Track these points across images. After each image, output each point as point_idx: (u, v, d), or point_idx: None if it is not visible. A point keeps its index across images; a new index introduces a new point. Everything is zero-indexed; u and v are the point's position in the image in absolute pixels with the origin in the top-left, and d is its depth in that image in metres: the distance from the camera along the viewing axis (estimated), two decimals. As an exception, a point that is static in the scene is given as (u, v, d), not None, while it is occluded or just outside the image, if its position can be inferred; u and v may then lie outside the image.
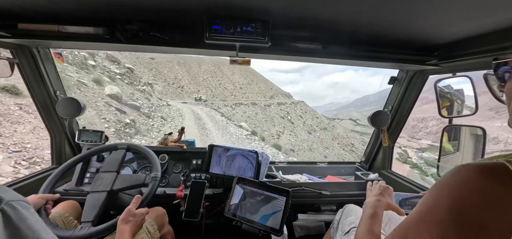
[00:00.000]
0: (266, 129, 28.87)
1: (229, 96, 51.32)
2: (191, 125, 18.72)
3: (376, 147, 1.88)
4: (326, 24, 1.08)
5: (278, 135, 27.44)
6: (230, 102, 41.03)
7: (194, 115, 24.32)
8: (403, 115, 1.75)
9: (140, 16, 1.10)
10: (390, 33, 1.14)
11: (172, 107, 25.54)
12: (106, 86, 15.17)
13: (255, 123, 30.53)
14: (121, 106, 13.88)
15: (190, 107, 31.01)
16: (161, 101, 24.96)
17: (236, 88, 56.65)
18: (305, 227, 1.65)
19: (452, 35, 1.12)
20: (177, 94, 45.70)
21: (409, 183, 1.60)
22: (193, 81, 53.06)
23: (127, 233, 0.88)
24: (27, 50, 1.32)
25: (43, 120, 1.57)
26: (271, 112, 37.50)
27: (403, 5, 0.85)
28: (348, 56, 1.30)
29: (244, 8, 0.97)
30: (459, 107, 1.49)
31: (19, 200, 0.51)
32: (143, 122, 14.84)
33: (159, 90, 39.61)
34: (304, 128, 34.23)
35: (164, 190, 1.48)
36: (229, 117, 28.47)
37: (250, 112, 35.59)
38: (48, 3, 0.97)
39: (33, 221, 0.51)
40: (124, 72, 22.39)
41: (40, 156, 5.72)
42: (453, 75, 1.39)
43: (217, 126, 21.00)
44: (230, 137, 17.92)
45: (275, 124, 32.62)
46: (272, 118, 34.84)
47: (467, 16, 0.91)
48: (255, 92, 56.58)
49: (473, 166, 0.39)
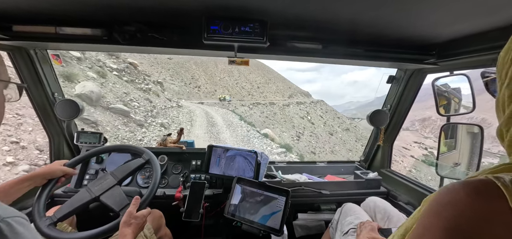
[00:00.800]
0: (285, 130, 27.45)
1: (246, 95, 49.93)
2: (200, 135, 15.21)
3: (375, 146, 1.89)
4: (325, 24, 1.08)
5: (298, 136, 26.37)
6: (247, 102, 39.70)
7: (208, 120, 20.26)
8: (402, 114, 1.75)
9: (138, 17, 1.09)
10: (389, 32, 1.14)
11: (183, 108, 23.28)
12: (77, 84, 11.78)
13: (273, 123, 29.06)
14: (89, 113, 10.37)
15: (206, 108, 28.61)
16: (170, 102, 22.39)
17: (253, 87, 55.14)
18: (305, 226, 1.65)
19: (450, 33, 1.12)
20: (194, 94, 44.11)
21: (408, 181, 1.61)
22: (210, 81, 51.62)
23: (130, 236, 0.88)
24: (24, 51, 1.31)
25: (41, 122, 1.56)
26: (290, 112, 36.05)
27: (402, 4, 0.85)
28: (347, 56, 1.30)
29: (242, 8, 0.97)
30: (456, 105, 1.50)
31: (14, 216, 0.50)
32: (125, 135, 11.31)
33: (175, 90, 38.17)
34: (325, 129, 32.56)
35: (164, 191, 1.47)
36: (250, 121, 25.34)
37: (268, 112, 34.09)
38: (45, 4, 0.96)
39: (29, 237, 0.50)
40: (124, 68, 19.81)
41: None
42: (451, 74, 1.39)
43: (236, 135, 17.06)
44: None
45: (295, 124, 31.13)
46: (291, 118, 33.37)
47: (465, 15, 0.91)
48: (273, 91, 54.84)
49: (460, 185, 0.39)
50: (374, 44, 1.28)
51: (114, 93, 14.30)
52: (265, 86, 57.00)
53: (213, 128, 17.93)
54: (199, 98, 42.02)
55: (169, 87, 35.92)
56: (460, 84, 1.51)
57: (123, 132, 11.52)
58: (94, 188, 1.10)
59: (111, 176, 1.16)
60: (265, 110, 34.66)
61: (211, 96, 45.15)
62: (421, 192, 1.47)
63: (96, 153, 1.37)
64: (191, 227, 1.59)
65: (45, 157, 5.90)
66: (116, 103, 13.07)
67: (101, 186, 1.11)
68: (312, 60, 1.39)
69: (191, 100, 36.55)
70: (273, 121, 30.79)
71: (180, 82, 44.88)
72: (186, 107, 25.13)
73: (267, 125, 27.23)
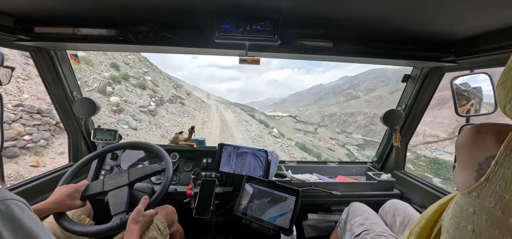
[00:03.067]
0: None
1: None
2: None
3: (389, 147, 1.83)
4: (337, 21, 1.06)
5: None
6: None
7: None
8: (417, 114, 1.69)
9: (151, 17, 1.12)
10: (404, 29, 1.10)
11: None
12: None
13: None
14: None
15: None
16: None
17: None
18: (315, 227, 1.63)
19: (470, 30, 1.07)
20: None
21: (423, 183, 1.56)
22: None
23: (136, 233, 0.91)
24: (45, 52, 1.38)
25: (61, 120, 1.63)
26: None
27: (417, 0, 0.82)
28: (360, 54, 1.27)
29: (253, 7, 0.97)
30: (477, 105, 1.42)
31: (13, 199, 0.51)
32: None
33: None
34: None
35: (175, 188, 1.50)
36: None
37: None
38: (63, 6, 1.00)
39: (28, 220, 0.51)
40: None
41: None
42: (471, 72, 1.33)
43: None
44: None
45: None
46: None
47: (486, 10, 0.86)
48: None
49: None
50: (388, 41, 1.24)
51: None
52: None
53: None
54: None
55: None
56: (481, 83, 1.44)
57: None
58: (108, 182, 1.14)
59: (127, 175, 1.18)
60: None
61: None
62: (437, 195, 1.41)
63: (112, 149, 1.40)
64: (202, 224, 1.62)
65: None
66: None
67: (114, 181, 1.15)
68: (323, 59, 1.37)
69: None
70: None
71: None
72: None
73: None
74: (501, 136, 0.47)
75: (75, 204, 1.01)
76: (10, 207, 0.49)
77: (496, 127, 0.51)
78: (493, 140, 0.49)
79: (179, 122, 16.75)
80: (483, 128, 0.52)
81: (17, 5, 1.00)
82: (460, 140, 0.58)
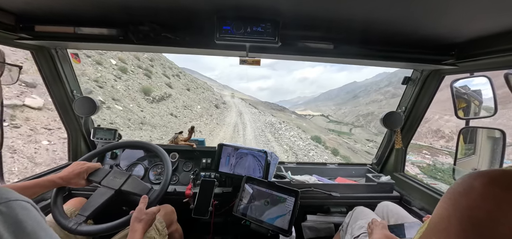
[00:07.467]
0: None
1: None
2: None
3: (389, 148, 1.83)
4: (338, 24, 1.06)
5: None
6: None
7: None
8: (417, 116, 1.70)
9: (152, 17, 1.12)
10: (405, 31, 1.10)
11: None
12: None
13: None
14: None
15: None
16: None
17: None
18: (314, 228, 1.63)
19: (471, 33, 1.07)
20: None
21: (423, 186, 1.56)
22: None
23: (139, 232, 0.92)
24: (46, 51, 1.38)
25: (60, 118, 1.63)
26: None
27: (418, 2, 0.82)
28: (360, 56, 1.27)
29: (254, 8, 0.97)
30: (476, 108, 1.43)
31: (17, 199, 0.50)
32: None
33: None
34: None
35: (175, 188, 1.50)
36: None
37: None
38: (64, 5, 1.00)
39: (31, 222, 0.50)
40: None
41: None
42: (471, 75, 1.33)
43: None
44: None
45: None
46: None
47: (487, 13, 0.87)
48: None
49: (476, 175, 0.39)
50: (388, 43, 1.24)
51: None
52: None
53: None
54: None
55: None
56: (481, 86, 1.44)
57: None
58: (112, 183, 1.15)
59: (120, 170, 1.20)
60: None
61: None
62: (436, 197, 1.41)
63: (111, 148, 1.41)
64: (201, 224, 1.62)
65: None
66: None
67: (117, 180, 1.16)
68: (324, 60, 1.37)
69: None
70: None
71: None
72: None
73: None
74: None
75: (80, 183, 1.12)
76: (13, 209, 0.48)
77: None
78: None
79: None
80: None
81: (18, 3, 1.00)
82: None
